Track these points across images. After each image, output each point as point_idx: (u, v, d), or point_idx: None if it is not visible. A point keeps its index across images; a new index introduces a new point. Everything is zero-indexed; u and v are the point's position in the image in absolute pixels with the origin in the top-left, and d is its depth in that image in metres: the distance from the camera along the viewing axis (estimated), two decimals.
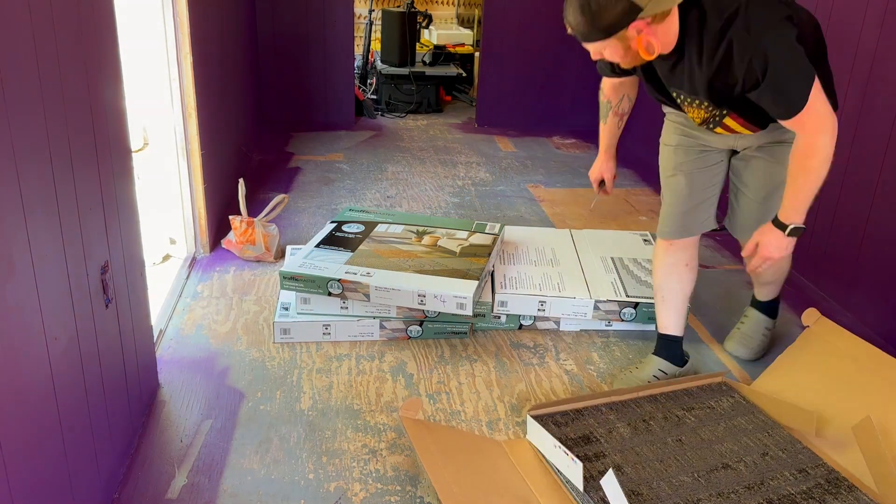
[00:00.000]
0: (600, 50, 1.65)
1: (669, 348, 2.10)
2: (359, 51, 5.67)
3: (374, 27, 5.58)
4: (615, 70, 1.89)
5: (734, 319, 2.50)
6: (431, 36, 5.86)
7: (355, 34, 4.87)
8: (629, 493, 1.56)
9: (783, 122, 1.66)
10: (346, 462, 1.73)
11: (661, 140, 2.11)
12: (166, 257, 2.72)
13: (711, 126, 1.85)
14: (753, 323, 2.27)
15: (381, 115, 5.03)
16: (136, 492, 1.60)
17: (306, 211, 3.23)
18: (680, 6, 1.59)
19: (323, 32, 4.53)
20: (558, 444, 1.63)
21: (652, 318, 2.29)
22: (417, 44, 5.40)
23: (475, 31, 6.14)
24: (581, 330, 2.38)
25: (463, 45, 5.84)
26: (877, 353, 1.96)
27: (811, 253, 2.79)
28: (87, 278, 1.41)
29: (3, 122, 1.05)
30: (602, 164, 2.24)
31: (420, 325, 2.25)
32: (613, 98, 2.10)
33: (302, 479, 1.67)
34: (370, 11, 5.61)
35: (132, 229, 1.73)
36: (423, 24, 5.94)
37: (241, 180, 2.71)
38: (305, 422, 1.87)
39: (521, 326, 2.36)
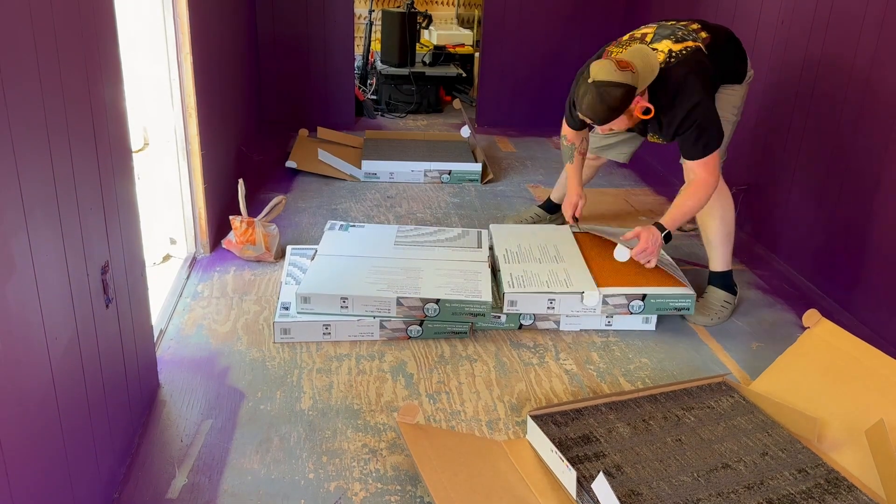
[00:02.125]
0: (611, 125, 2.23)
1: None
2: (359, 51, 5.67)
3: (374, 27, 5.58)
4: (583, 124, 2.51)
5: (734, 318, 2.50)
6: (431, 36, 5.86)
7: (355, 34, 4.87)
8: (629, 493, 1.57)
9: (690, 162, 2.28)
10: (347, 462, 1.73)
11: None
12: (166, 257, 2.73)
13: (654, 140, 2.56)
14: (711, 296, 2.50)
15: (381, 116, 5.03)
16: (137, 491, 1.60)
17: (306, 211, 3.24)
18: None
19: (323, 33, 4.53)
20: (555, 448, 1.63)
21: (661, 309, 2.36)
22: (417, 44, 5.39)
23: (475, 31, 6.14)
24: (581, 330, 2.38)
25: (463, 45, 5.83)
26: (878, 354, 1.96)
27: (811, 253, 2.79)
28: (88, 278, 1.41)
29: (3, 122, 1.05)
30: (574, 199, 2.70)
31: (420, 325, 2.26)
32: (576, 141, 2.67)
33: (302, 479, 1.67)
34: (370, 12, 5.61)
35: (132, 229, 1.73)
36: (423, 24, 5.93)
37: (240, 180, 2.71)
38: (305, 422, 1.87)
39: (521, 326, 2.36)
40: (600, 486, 1.48)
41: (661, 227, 2.27)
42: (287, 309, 2.27)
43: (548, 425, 1.76)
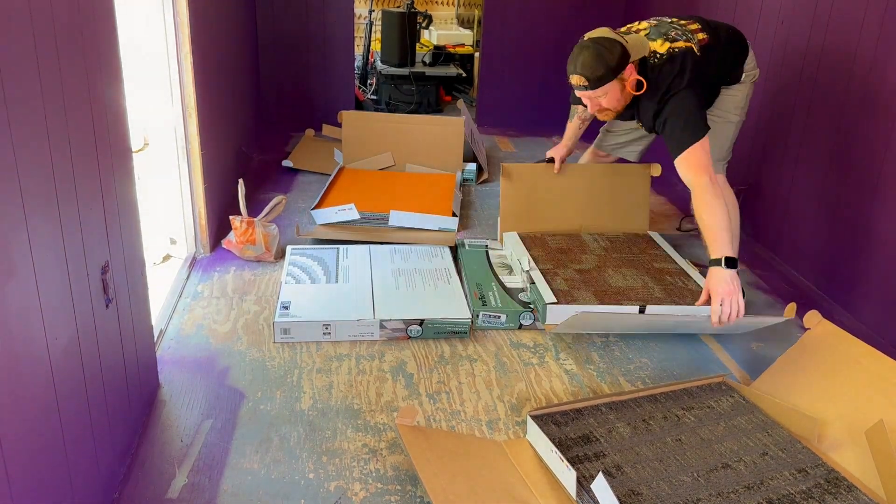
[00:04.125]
0: (602, 95, 2.27)
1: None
2: (359, 51, 5.67)
3: (374, 27, 5.58)
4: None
5: None
6: (431, 36, 5.86)
7: (355, 34, 4.87)
8: (629, 493, 1.57)
9: (678, 167, 2.27)
10: (347, 462, 1.73)
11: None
12: (166, 257, 2.73)
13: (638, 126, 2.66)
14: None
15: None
16: (137, 491, 1.60)
17: (306, 211, 3.23)
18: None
19: (323, 32, 4.53)
20: (555, 448, 1.63)
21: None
22: (417, 44, 5.40)
23: (475, 31, 6.14)
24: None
25: (463, 45, 5.84)
26: (879, 356, 1.96)
27: (811, 253, 2.79)
28: (88, 278, 1.41)
29: (3, 122, 1.05)
30: (562, 151, 2.89)
31: (420, 325, 2.26)
32: (580, 108, 2.79)
33: (302, 479, 1.67)
34: (370, 12, 5.61)
35: (132, 229, 1.73)
36: (423, 24, 5.93)
37: (240, 180, 2.71)
38: (305, 421, 1.87)
39: (521, 326, 2.37)
40: (600, 486, 1.48)
41: (716, 262, 2.12)
42: (287, 308, 2.27)
43: (548, 425, 1.76)
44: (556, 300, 2.31)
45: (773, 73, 3.02)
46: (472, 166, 3.76)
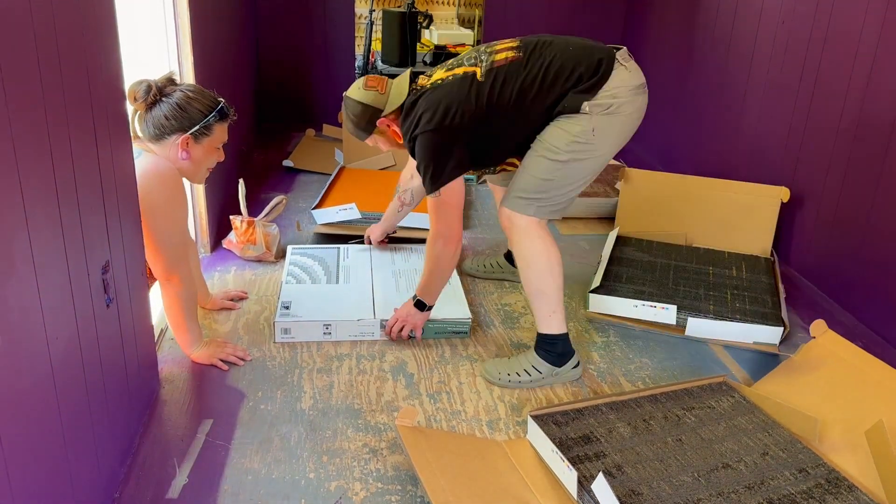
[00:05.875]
0: (375, 142, 2.20)
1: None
2: (359, 51, 5.67)
3: (374, 27, 5.58)
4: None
5: None
6: (432, 36, 5.85)
7: (356, 34, 4.86)
8: (629, 493, 1.56)
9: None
10: (347, 461, 1.73)
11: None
12: None
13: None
14: (520, 356, 2.12)
15: None
16: (137, 491, 1.60)
17: (307, 211, 3.23)
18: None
19: (323, 32, 4.53)
20: (555, 448, 1.63)
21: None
22: (418, 44, 5.39)
23: (476, 31, 6.14)
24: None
25: (463, 45, 5.83)
26: (883, 366, 1.97)
27: (812, 254, 2.79)
28: (88, 278, 1.41)
29: (4, 122, 1.05)
30: (376, 230, 2.77)
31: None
32: (401, 187, 2.60)
33: (302, 479, 1.67)
34: (371, 11, 5.61)
35: (133, 229, 1.73)
36: (424, 24, 5.92)
37: (241, 180, 2.71)
38: (306, 421, 1.87)
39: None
40: (601, 486, 1.48)
41: (417, 301, 2.18)
42: (288, 308, 2.27)
43: (548, 425, 1.76)
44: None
45: (774, 72, 3.02)
46: None
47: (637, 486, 1.59)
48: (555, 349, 2.06)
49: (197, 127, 1.92)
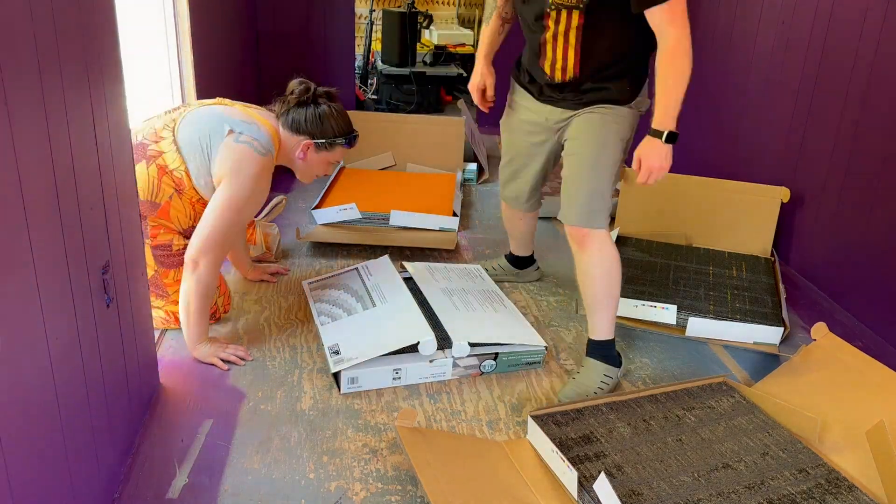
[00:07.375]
0: None
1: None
2: (359, 51, 5.67)
3: (374, 27, 5.58)
4: None
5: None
6: (432, 36, 5.85)
7: (356, 34, 4.86)
8: (629, 493, 1.56)
9: (649, 14, 1.79)
10: (347, 462, 1.73)
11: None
12: None
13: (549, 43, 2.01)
14: (588, 370, 2.06)
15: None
16: (137, 491, 1.60)
17: (306, 211, 3.24)
18: None
19: (324, 32, 4.53)
20: (556, 448, 1.63)
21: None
22: (418, 44, 5.40)
23: (476, 31, 6.14)
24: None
25: (463, 45, 5.83)
26: (883, 368, 1.97)
27: (811, 254, 2.79)
28: (88, 278, 1.41)
29: (4, 122, 1.05)
30: (483, 70, 2.27)
31: (494, 359, 2.10)
32: (500, 0, 2.20)
33: (302, 479, 1.67)
34: (371, 11, 5.61)
35: (133, 229, 1.73)
36: (424, 24, 5.93)
37: None
38: (306, 421, 1.87)
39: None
40: (601, 486, 1.48)
41: (658, 134, 1.81)
42: (339, 353, 2.03)
43: (548, 425, 1.76)
44: None
45: (774, 72, 3.02)
46: (472, 166, 3.76)
47: (637, 486, 1.59)
48: (613, 352, 2.08)
49: (324, 141, 2.13)
